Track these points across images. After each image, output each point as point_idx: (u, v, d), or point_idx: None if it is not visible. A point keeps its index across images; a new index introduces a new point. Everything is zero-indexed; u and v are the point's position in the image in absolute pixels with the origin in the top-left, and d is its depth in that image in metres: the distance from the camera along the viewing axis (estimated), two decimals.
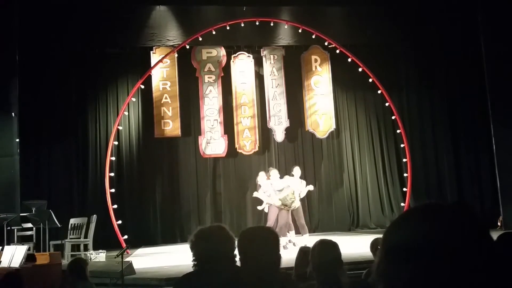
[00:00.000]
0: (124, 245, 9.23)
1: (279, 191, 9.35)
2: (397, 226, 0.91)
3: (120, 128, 11.27)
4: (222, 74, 12.17)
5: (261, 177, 9.82)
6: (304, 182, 9.96)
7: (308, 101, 12.41)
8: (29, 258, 6.89)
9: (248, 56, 12.33)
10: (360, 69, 11.59)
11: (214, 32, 11.15)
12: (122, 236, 10.20)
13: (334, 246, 3.20)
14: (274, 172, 9.73)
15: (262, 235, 2.49)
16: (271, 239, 2.46)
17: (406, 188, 11.62)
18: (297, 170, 9.85)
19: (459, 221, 0.86)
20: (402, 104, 12.86)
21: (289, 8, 12.16)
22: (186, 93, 12.11)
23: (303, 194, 9.85)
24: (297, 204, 9.49)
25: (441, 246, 0.83)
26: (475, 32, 11.98)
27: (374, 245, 4.37)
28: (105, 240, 10.43)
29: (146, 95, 11.82)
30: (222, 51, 12.18)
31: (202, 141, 11.80)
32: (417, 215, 0.91)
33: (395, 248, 0.87)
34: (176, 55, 11.75)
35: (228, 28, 11.20)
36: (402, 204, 11.79)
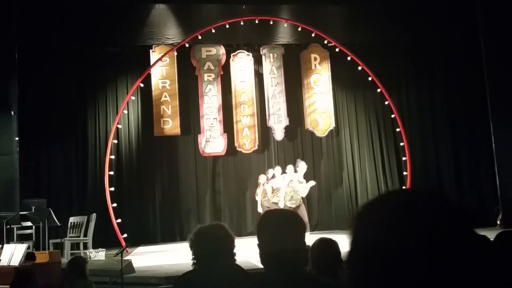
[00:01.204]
0: (123, 243, 9.24)
1: (300, 183, 9.59)
2: (361, 221, 0.78)
3: (119, 126, 11.26)
4: (222, 73, 12.17)
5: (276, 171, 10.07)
6: (304, 182, 10.03)
7: (308, 99, 12.41)
8: (28, 256, 6.87)
9: (248, 55, 12.32)
10: (359, 68, 11.59)
11: (213, 31, 11.15)
12: (122, 234, 10.21)
13: (333, 244, 3.21)
14: (293, 167, 9.98)
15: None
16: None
17: (406, 186, 11.62)
18: (303, 166, 9.95)
19: (433, 213, 0.73)
20: (402, 102, 12.86)
21: (288, 6, 12.16)
22: (186, 91, 12.11)
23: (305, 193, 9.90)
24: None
25: (409, 243, 0.70)
26: (475, 31, 11.98)
27: None
28: (104, 239, 10.43)
29: (146, 94, 11.82)
30: (222, 50, 12.17)
31: (202, 139, 11.80)
32: (382, 206, 0.77)
33: (359, 247, 0.76)
34: (175, 53, 11.75)
35: (227, 26, 11.19)
36: None
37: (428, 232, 0.71)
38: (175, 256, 8.68)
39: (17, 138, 10.61)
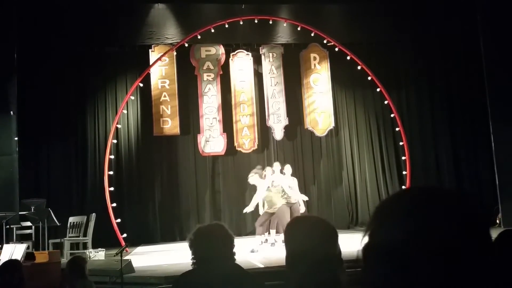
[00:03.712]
0: (123, 243, 9.23)
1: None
2: (377, 219, 0.76)
3: (119, 126, 11.26)
4: (221, 72, 12.16)
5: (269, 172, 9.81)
6: (295, 179, 9.96)
7: (307, 99, 12.41)
8: (28, 256, 6.88)
9: (247, 54, 12.32)
10: (359, 67, 11.59)
11: (213, 30, 11.15)
12: (121, 234, 10.21)
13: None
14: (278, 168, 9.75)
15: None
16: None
17: (405, 185, 11.62)
18: (288, 168, 9.84)
19: (455, 215, 0.72)
20: (401, 102, 12.86)
21: (288, 6, 12.16)
22: (185, 91, 12.10)
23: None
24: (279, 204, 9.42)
25: (427, 245, 0.69)
26: (475, 31, 11.98)
27: None
28: (104, 239, 10.41)
29: (145, 93, 11.81)
30: (221, 49, 12.16)
31: (201, 139, 11.80)
32: (404, 205, 0.75)
33: (374, 247, 0.74)
34: (175, 53, 11.74)
35: (227, 26, 11.19)
36: None
37: (443, 233, 0.70)
38: (175, 255, 8.66)
39: (16, 138, 10.61)
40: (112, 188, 10.51)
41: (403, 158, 11.91)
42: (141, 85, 11.31)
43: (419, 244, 0.69)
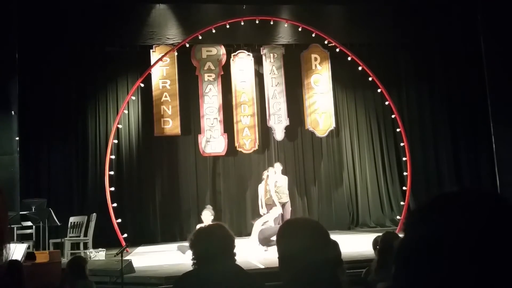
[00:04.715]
0: (123, 243, 9.23)
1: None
2: (416, 219, 0.77)
3: (119, 126, 11.26)
4: (222, 73, 12.17)
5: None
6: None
7: (308, 99, 12.41)
8: (28, 256, 6.88)
9: (248, 55, 12.32)
10: (360, 68, 11.58)
11: (214, 31, 11.15)
12: (122, 234, 10.20)
13: (334, 244, 3.20)
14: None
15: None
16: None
17: (406, 186, 11.61)
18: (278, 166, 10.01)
19: (493, 215, 0.73)
20: (402, 102, 12.86)
21: (289, 6, 12.16)
22: (186, 91, 12.11)
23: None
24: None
25: (466, 244, 0.70)
26: (474, 30, 11.98)
27: (376, 243, 4.37)
28: (104, 239, 10.43)
29: (146, 94, 11.82)
30: (222, 50, 12.17)
31: (202, 139, 11.80)
32: (438, 206, 0.76)
33: (407, 248, 0.75)
34: (176, 53, 11.75)
35: (228, 26, 11.19)
36: (402, 203, 11.79)
37: (485, 233, 0.70)
38: (175, 256, 8.66)
39: (17, 138, 10.61)
40: (112, 188, 10.51)
41: (404, 159, 11.90)
42: (142, 85, 11.31)
43: (455, 243, 0.70)
